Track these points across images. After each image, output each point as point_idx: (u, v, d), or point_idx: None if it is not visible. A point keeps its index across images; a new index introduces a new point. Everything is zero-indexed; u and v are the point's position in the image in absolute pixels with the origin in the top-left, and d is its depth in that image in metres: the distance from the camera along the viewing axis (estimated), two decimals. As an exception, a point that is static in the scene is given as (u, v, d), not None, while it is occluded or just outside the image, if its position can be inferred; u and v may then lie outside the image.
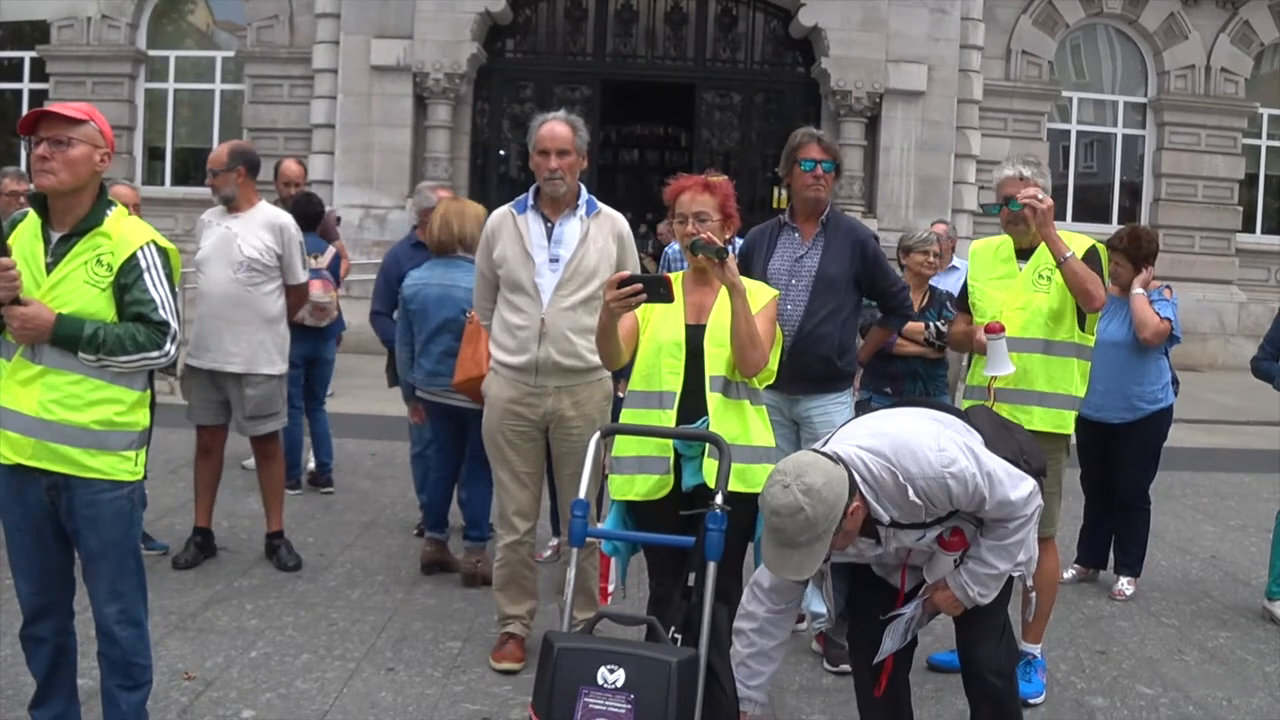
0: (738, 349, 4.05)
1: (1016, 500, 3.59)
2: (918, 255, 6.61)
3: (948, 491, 3.50)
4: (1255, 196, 20.03)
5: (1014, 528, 3.64)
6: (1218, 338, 18.54)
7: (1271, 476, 9.78)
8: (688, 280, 4.30)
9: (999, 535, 3.65)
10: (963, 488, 3.50)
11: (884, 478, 3.50)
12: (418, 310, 6.24)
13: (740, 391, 4.16)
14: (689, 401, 4.11)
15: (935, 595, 3.75)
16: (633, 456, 4.17)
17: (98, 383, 3.60)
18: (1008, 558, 3.66)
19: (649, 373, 4.19)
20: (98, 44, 18.19)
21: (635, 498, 4.15)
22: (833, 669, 5.41)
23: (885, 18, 17.30)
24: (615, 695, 3.33)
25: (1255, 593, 6.70)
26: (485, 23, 17.40)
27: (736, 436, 4.05)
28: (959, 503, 3.54)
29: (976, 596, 3.69)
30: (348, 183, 17.07)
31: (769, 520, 3.37)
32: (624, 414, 4.28)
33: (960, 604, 3.72)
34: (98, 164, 3.64)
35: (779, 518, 3.33)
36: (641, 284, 3.93)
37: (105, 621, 3.76)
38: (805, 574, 3.43)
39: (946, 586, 3.72)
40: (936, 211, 16.16)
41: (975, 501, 3.55)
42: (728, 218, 4.31)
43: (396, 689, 4.86)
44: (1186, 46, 18.96)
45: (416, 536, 7.07)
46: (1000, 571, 3.67)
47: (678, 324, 4.18)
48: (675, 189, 4.33)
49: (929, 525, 3.61)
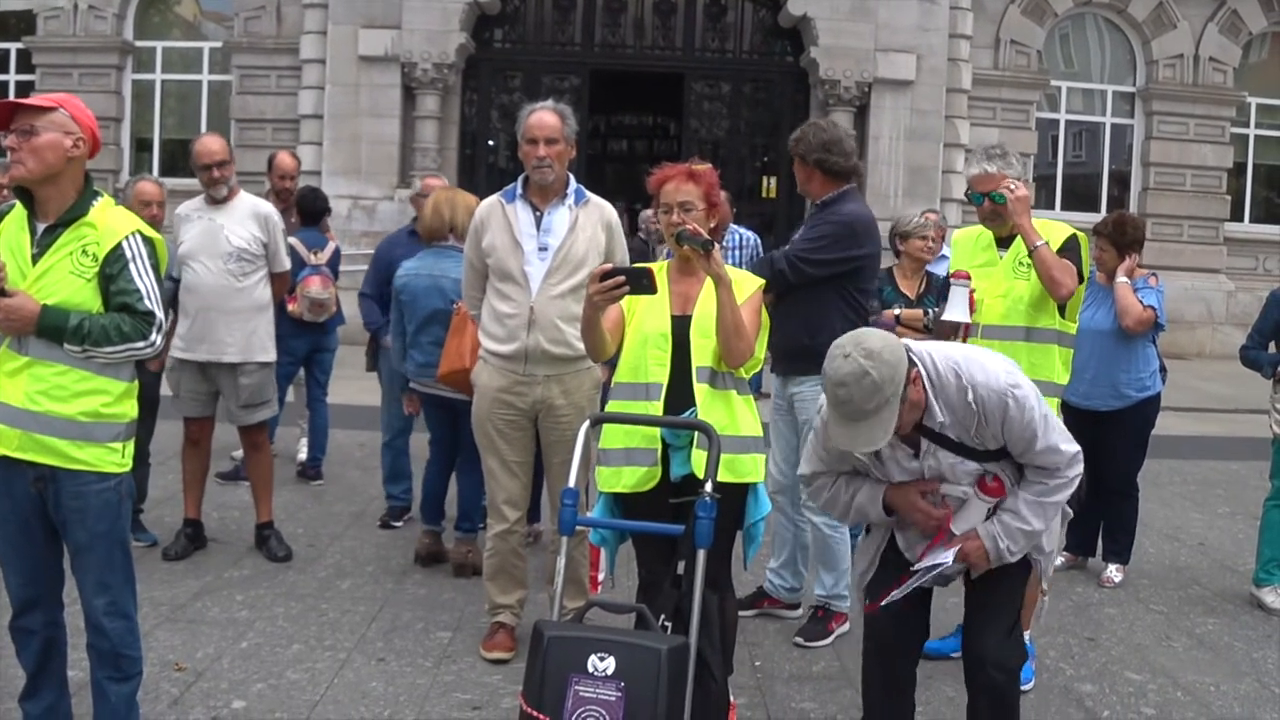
0: (723, 340, 4.05)
1: (1065, 453, 3.61)
2: (916, 240, 6.63)
3: (1004, 410, 3.51)
4: (1243, 185, 20.07)
5: (1054, 486, 3.63)
6: (1206, 326, 18.58)
7: (1259, 464, 9.77)
8: (673, 271, 4.29)
9: (1038, 491, 3.63)
10: (1020, 413, 3.51)
11: (948, 378, 3.53)
12: (408, 301, 6.24)
13: (727, 381, 4.16)
14: (675, 392, 4.10)
15: (965, 545, 3.67)
16: (620, 449, 4.16)
17: (84, 374, 3.58)
18: (1043, 517, 3.63)
19: (635, 364, 4.18)
20: (84, 35, 18.12)
21: (623, 489, 4.14)
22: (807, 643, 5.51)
23: (874, 7, 17.31)
24: (606, 683, 3.34)
25: (1243, 579, 6.73)
26: (473, 12, 17.37)
27: (725, 426, 4.05)
28: (1010, 430, 3.54)
29: (1005, 551, 3.63)
30: (336, 173, 17.02)
31: (834, 395, 3.38)
32: (610, 405, 4.27)
33: (987, 558, 3.65)
34: (69, 150, 3.60)
35: (845, 388, 3.34)
36: (624, 276, 3.93)
37: (94, 613, 3.75)
38: (878, 443, 3.42)
39: (977, 537, 3.66)
40: (925, 200, 16.18)
41: (1027, 436, 3.55)
42: (712, 206, 4.30)
43: (387, 679, 4.87)
44: (1175, 36, 18.98)
45: (380, 529, 7.08)
46: (1033, 529, 3.62)
47: (663, 315, 4.18)
48: (659, 178, 4.32)
49: (972, 454, 3.62)
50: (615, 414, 4.19)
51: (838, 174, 5.44)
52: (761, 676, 5.07)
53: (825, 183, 5.44)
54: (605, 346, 4.20)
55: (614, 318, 4.23)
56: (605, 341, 4.17)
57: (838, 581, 5.55)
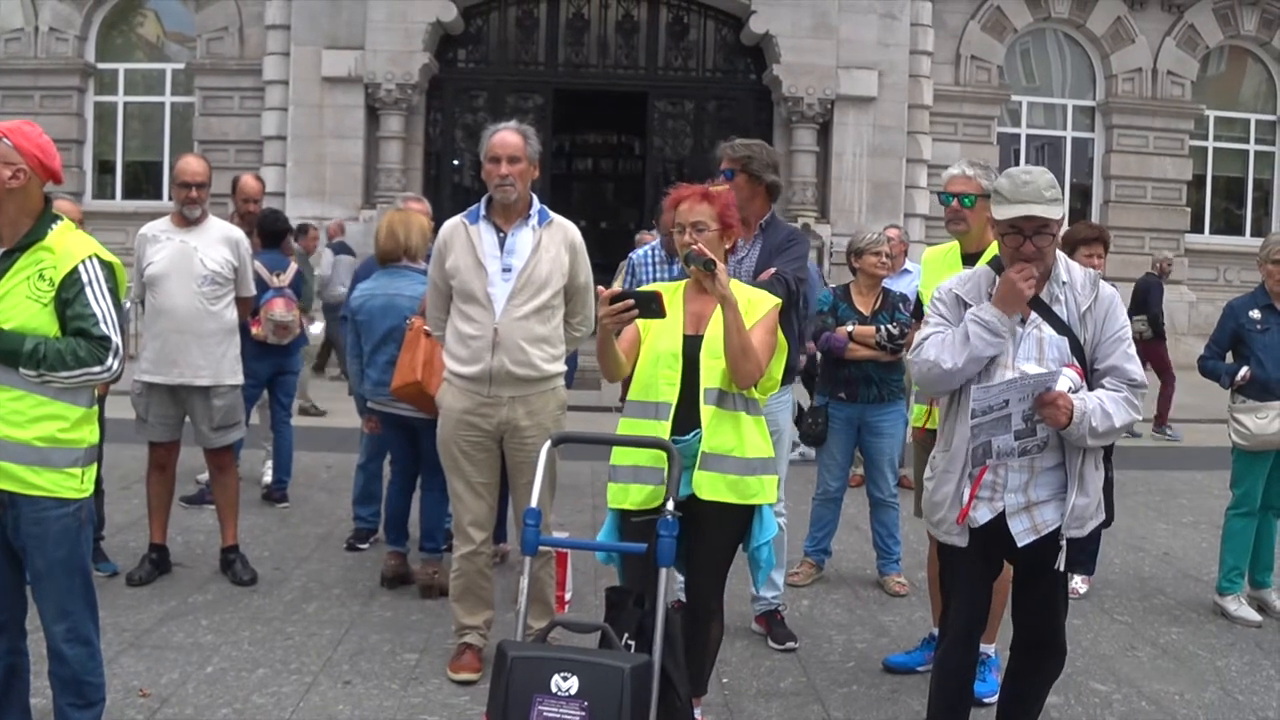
0: (730, 362, 4.05)
1: (1139, 372, 3.85)
2: (870, 257, 6.65)
3: (1113, 300, 3.84)
4: (1203, 197, 20.31)
5: (1126, 398, 3.75)
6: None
7: (1222, 474, 9.82)
8: (689, 291, 4.28)
9: (1119, 396, 3.75)
10: (1120, 313, 3.84)
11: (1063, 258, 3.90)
12: (364, 321, 6.26)
13: (736, 403, 4.15)
14: (684, 412, 4.10)
15: (1053, 396, 3.67)
16: (628, 466, 4.16)
17: (40, 399, 3.57)
18: (1119, 417, 3.71)
19: (647, 383, 4.18)
20: (45, 57, 18.05)
21: (630, 507, 4.14)
22: (778, 647, 5.60)
23: (836, 24, 17.45)
24: (569, 702, 3.33)
25: (1206, 588, 6.78)
26: (437, 32, 17.40)
27: (732, 448, 4.05)
28: (1111, 323, 3.81)
29: (1086, 417, 3.66)
30: (300, 194, 17.00)
31: (1018, 179, 3.75)
32: (621, 423, 4.26)
33: (1068, 415, 3.65)
34: (8, 181, 3.59)
35: (1030, 174, 3.76)
36: (633, 300, 3.93)
37: (54, 640, 3.73)
38: (1055, 214, 3.74)
39: (1059, 393, 3.68)
40: (889, 216, 16.30)
41: (1121, 335, 3.82)
42: (727, 227, 4.29)
43: (354, 702, 4.84)
44: (1133, 50, 19.20)
45: (346, 551, 7.06)
46: (1110, 426, 3.69)
47: (676, 335, 4.18)
48: (675, 198, 4.32)
49: (1069, 335, 3.79)
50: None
51: (775, 196, 5.53)
52: (729, 693, 5.07)
53: (765, 204, 5.48)
54: (620, 367, 4.19)
55: (630, 337, 4.23)
56: (620, 362, 4.17)
57: (781, 580, 5.86)
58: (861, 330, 6.46)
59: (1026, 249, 3.75)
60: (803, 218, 16.99)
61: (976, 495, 3.85)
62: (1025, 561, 3.95)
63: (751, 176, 5.40)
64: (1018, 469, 3.82)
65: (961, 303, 3.92)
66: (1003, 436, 3.71)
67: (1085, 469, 3.82)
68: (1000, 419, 3.67)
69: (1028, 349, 3.81)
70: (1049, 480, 3.84)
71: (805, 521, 6.89)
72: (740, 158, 5.43)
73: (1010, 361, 3.81)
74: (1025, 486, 3.83)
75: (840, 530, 6.98)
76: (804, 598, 6.43)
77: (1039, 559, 3.89)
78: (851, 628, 6.01)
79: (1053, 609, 4.06)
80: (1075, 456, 3.80)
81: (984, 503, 3.86)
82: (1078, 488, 3.81)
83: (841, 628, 6.00)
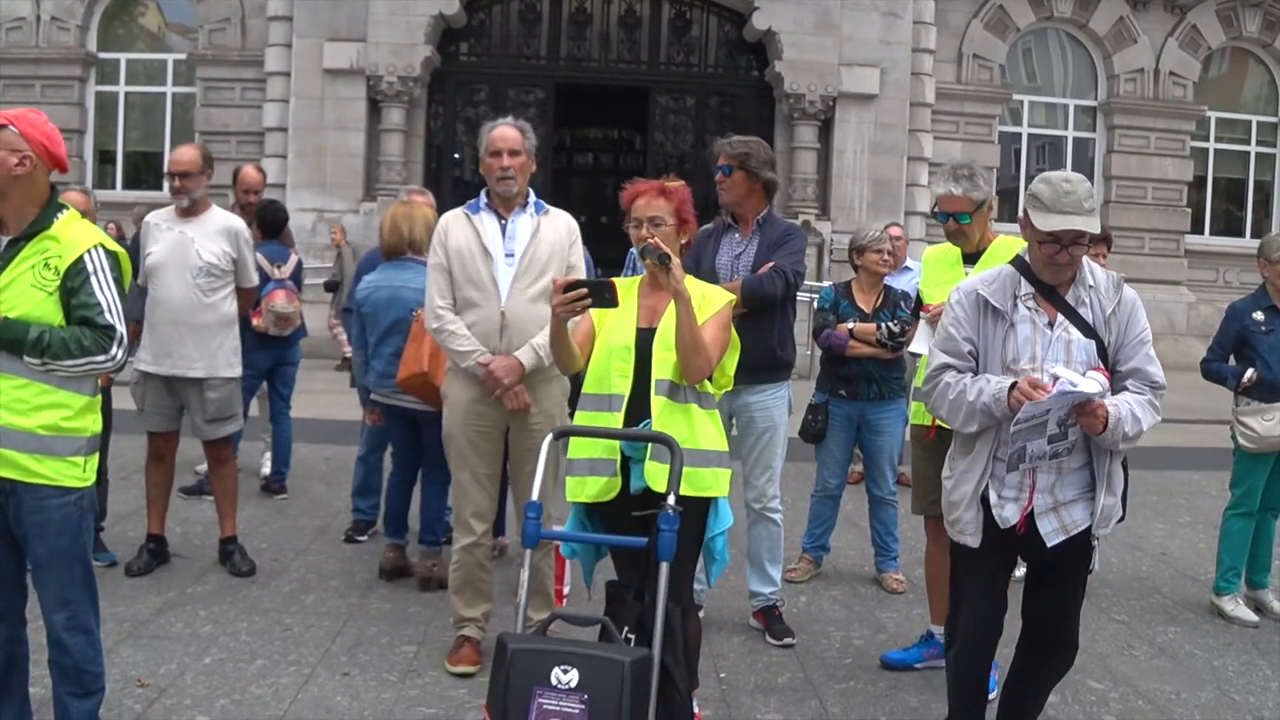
0: (681, 356, 4.06)
1: (1161, 374, 3.87)
2: (871, 254, 6.65)
3: (1135, 304, 3.88)
4: (1204, 198, 20.32)
5: (1150, 400, 3.80)
6: (1167, 338, 18.72)
7: (1220, 474, 9.84)
8: (644, 284, 4.30)
9: (1143, 398, 3.79)
10: (1142, 317, 3.89)
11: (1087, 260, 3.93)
12: (369, 313, 6.25)
13: (688, 395, 4.16)
14: (636, 404, 4.11)
15: (1094, 406, 3.70)
16: (584, 459, 4.17)
17: (44, 387, 3.57)
18: (1146, 420, 3.76)
19: (600, 375, 4.20)
20: (47, 46, 18.03)
21: (586, 499, 4.15)
22: (776, 642, 5.59)
23: (838, 22, 17.44)
24: (569, 696, 3.33)
25: (1204, 588, 6.79)
26: (439, 25, 17.38)
27: (684, 440, 4.04)
28: (1134, 326, 3.85)
29: (1121, 422, 3.69)
30: (300, 187, 16.99)
31: (1060, 189, 3.73)
32: (577, 416, 4.28)
33: (1103, 422, 3.68)
34: (14, 169, 3.59)
35: (1071, 184, 3.75)
36: (586, 288, 3.94)
37: (54, 629, 3.73)
38: (1094, 228, 3.74)
39: (1099, 403, 3.71)
40: (889, 214, 16.30)
41: (1144, 337, 3.87)
42: (683, 223, 4.32)
43: (352, 694, 4.84)
44: (1135, 50, 19.20)
45: (345, 543, 7.06)
46: (1138, 429, 3.74)
47: (629, 327, 4.19)
48: (631, 194, 4.34)
49: (1095, 338, 3.81)
50: (579, 427, 4.20)
51: (773, 192, 5.61)
52: (727, 688, 5.07)
53: (762, 200, 5.54)
54: (574, 359, 4.20)
55: (585, 330, 4.24)
56: (574, 354, 4.18)
57: (779, 575, 5.82)
58: (862, 328, 6.46)
59: (1061, 258, 3.77)
60: (803, 215, 17.00)
61: (1003, 495, 3.90)
62: (1044, 560, 3.96)
63: (749, 173, 5.49)
64: (1046, 470, 3.85)
65: (987, 306, 3.90)
66: (1037, 441, 3.75)
67: (1112, 469, 3.88)
68: (1038, 425, 3.71)
69: (1056, 351, 3.84)
70: (1075, 480, 3.88)
71: (804, 518, 6.90)
72: (738, 154, 5.53)
73: (1040, 364, 3.83)
74: (1053, 487, 3.87)
75: (839, 527, 6.99)
76: (802, 594, 6.44)
77: (1059, 558, 3.93)
78: (849, 624, 6.02)
79: (1071, 606, 4.10)
80: (1103, 458, 3.85)
81: (1010, 502, 3.90)
82: (1106, 487, 3.87)
83: (839, 624, 6.01)
